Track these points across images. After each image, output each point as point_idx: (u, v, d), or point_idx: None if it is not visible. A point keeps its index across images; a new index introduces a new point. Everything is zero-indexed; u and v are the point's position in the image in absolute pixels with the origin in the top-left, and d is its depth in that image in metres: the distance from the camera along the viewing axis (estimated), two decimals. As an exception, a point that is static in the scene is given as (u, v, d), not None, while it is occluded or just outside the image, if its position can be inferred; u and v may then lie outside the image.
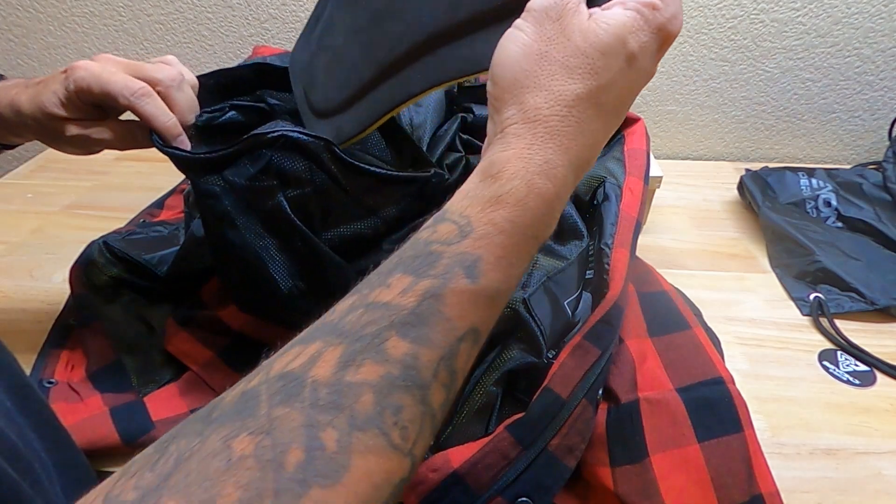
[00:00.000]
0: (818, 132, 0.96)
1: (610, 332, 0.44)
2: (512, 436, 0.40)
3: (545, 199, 0.28)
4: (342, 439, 0.22)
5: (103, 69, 0.44)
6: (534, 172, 0.28)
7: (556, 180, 0.28)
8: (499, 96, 0.30)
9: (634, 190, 0.52)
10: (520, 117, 0.29)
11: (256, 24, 0.90)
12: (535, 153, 0.28)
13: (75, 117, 0.45)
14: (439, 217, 0.29)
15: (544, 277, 0.46)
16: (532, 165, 0.28)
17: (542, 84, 0.29)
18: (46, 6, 0.90)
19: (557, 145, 0.29)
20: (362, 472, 0.22)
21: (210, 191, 0.44)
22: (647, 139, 0.57)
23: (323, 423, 0.22)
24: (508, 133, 0.29)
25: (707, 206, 0.85)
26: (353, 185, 0.44)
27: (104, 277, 0.58)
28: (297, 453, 0.21)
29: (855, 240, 0.72)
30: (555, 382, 0.41)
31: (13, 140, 0.51)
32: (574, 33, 0.29)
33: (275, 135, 0.42)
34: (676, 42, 0.87)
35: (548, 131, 0.29)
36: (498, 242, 0.27)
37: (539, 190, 0.28)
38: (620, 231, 0.50)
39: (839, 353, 0.61)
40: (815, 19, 0.85)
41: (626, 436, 0.44)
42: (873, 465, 0.50)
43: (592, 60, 0.29)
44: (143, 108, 0.43)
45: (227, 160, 0.43)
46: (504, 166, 0.28)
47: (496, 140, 0.30)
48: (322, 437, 0.22)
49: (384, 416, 0.23)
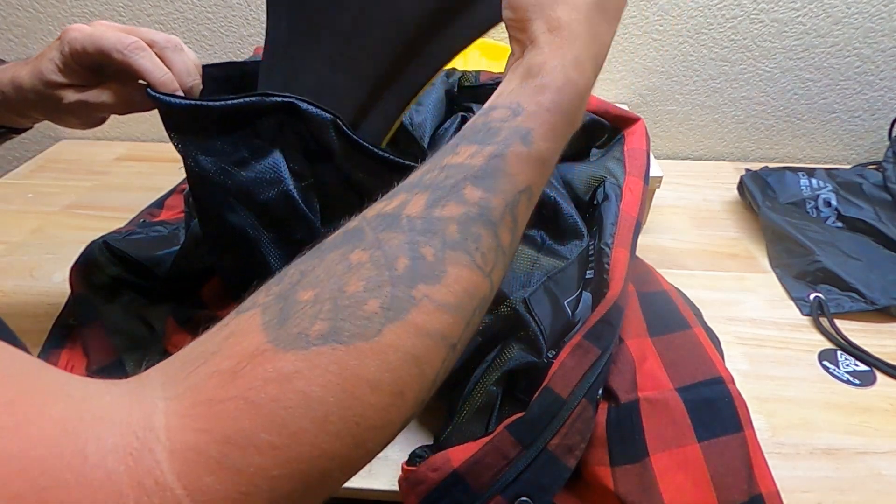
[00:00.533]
0: (818, 132, 0.96)
1: (610, 331, 0.44)
2: (512, 435, 0.40)
3: (578, 89, 0.34)
4: (438, 254, 0.27)
5: (96, 29, 0.44)
6: (568, 66, 0.33)
7: (584, 73, 0.34)
8: (521, 17, 0.35)
9: (634, 190, 0.52)
10: (546, 27, 0.34)
11: (256, 24, 0.90)
12: (566, 52, 0.33)
13: (73, 83, 0.45)
14: (488, 108, 0.33)
15: (544, 277, 0.46)
16: (566, 61, 0.33)
17: (564, 13, 0.34)
18: (46, 6, 0.90)
19: (582, 44, 0.34)
20: (454, 278, 0.27)
21: (206, 175, 0.43)
22: (647, 139, 0.57)
23: (422, 242, 0.27)
24: (539, 42, 0.34)
25: (707, 206, 0.85)
26: (357, 168, 0.43)
27: (104, 277, 0.58)
28: (404, 260, 0.26)
29: (855, 240, 0.72)
30: (555, 382, 0.41)
31: (18, 121, 0.51)
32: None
33: (284, 100, 0.41)
34: (676, 42, 0.88)
35: (572, 34, 0.34)
36: (545, 119, 0.32)
37: (573, 80, 0.33)
38: (620, 231, 0.50)
39: (839, 353, 0.61)
40: (815, 19, 0.85)
41: (625, 435, 0.44)
42: (873, 465, 0.50)
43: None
44: (138, 63, 0.44)
45: (227, 118, 0.42)
46: (543, 65, 0.33)
47: (529, 49, 0.34)
48: (422, 251, 0.27)
49: (467, 241, 0.28)
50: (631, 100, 0.94)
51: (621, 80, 0.92)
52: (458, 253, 0.28)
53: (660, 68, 0.91)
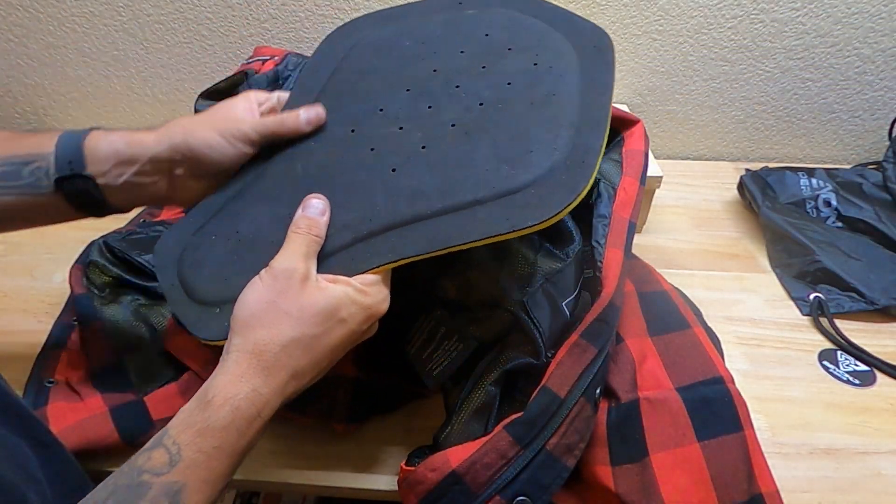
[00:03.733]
0: (818, 132, 0.95)
1: (606, 330, 0.44)
2: (510, 435, 0.40)
3: (248, 419, 0.35)
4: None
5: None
6: (241, 399, 0.35)
7: (259, 404, 0.35)
8: (232, 327, 0.38)
9: (629, 189, 0.52)
10: (241, 347, 0.36)
11: (256, 24, 0.90)
12: (244, 382, 0.35)
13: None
14: (157, 439, 0.34)
15: (542, 279, 0.46)
16: (241, 393, 0.35)
17: (266, 324, 0.37)
18: (46, 6, 0.90)
19: (266, 376, 0.36)
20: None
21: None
22: (645, 140, 0.57)
23: None
24: (229, 360, 0.36)
25: (707, 206, 0.85)
26: None
27: (104, 277, 0.58)
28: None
29: (855, 240, 0.72)
30: (552, 381, 0.41)
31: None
32: (300, 293, 0.37)
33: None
34: (676, 42, 0.88)
35: (260, 363, 0.36)
36: (203, 467, 0.33)
37: (244, 413, 0.35)
38: (613, 231, 0.50)
39: (839, 352, 0.61)
40: (815, 19, 0.85)
41: (626, 435, 0.44)
42: (873, 465, 0.50)
43: (309, 316, 0.37)
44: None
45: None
46: (216, 393, 0.35)
47: (219, 363, 0.37)
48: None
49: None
50: (631, 100, 0.94)
51: (621, 80, 0.92)
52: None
53: (660, 68, 0.91)
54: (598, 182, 0.54)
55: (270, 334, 0.36)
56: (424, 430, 0.52)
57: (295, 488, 0.50)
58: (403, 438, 0.52)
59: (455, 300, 0.48)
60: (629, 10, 0.86)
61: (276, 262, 0.39)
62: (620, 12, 0.86)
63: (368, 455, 0.51)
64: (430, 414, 0.54)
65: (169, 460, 0.33)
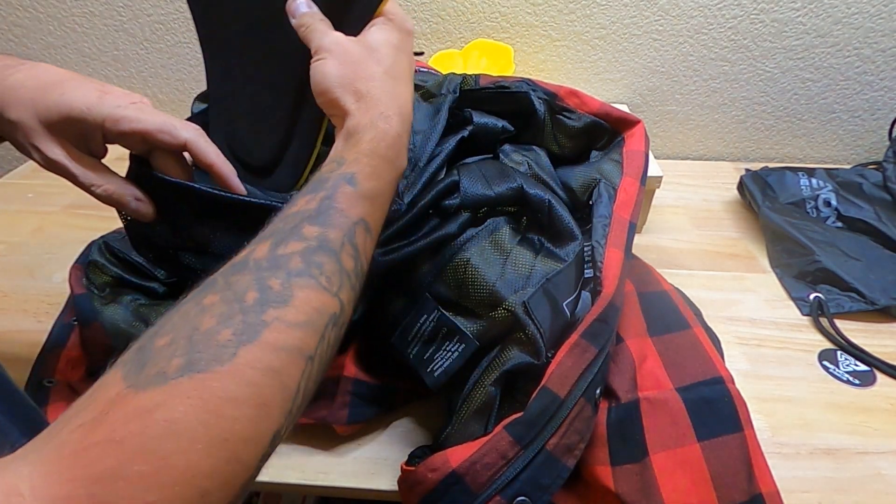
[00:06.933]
0: (818, 132, 0.96)
1: (606, 330, 0.44)
2: (510, 435, 0.40)
3: (388, 136, 0.39)
4: (284, 283, 0.30)
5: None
6: (377, 120, 0.39)
7: (391, 123, 0.40)
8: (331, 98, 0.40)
9: (629, 190, 0.52)
10: (353, 98, 0.40)
11: (256, 25, 0.90)
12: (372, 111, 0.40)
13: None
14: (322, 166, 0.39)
15: (543, 280, 0.46)
16: (374, 117, 0.39)
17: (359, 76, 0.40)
18: (46, 6, 0.90)
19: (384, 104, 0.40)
20: (302, 299, 0.30)
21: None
22: (646, 141, 0.57)
23: (267, 276, 0.30)
24: (350, 110, 0.40)
25: (707, 206, 0.85)
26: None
27: (104, 277, 0.58)
28: (253, 293, 0.29)
29: (855, 240, 0.72)
30: (552, 382, 0.41)
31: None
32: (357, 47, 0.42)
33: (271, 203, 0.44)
34: (676, 42, 0.88)
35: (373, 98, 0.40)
36: (366, 163, 0.38)
37: (383, 130, 0.39)
38: (613, 231, 0.50)
39: (839, 353, 0.61)
40: (815, 19, 0.85)
41: (626, 435, 0.44)
42: (873, 465, 0.50)
43: (377, 55, 0.42)
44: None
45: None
46: (357, 125, 0.39)
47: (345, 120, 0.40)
48: (269, 283, 0.29)
49: (311, 268, 0.31)
50: (631, 100, 0.94)
51: (621, 80, 0.92)
52: (303, 279, 0.31)
53: (660, 68, 0.91)
54: (598, 182, 0.54)
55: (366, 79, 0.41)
56: (424, 430, 0.52)
57: (295, 488, 0.50)
58: (403, 438, 0.52)
59: (455, 301, 0.48)
60: (629, 10, 0.86)
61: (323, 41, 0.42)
62: (620, 12, 0.86)
63: (368, 455, 0.51)
64: (430, 414, 0.54)
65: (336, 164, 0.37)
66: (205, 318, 0.28)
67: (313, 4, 0.44)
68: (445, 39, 0.91)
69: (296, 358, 0.28)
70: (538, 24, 0.88)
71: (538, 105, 0.59)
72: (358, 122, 0.39)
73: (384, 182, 0.39)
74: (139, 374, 0.25)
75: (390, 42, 0.43)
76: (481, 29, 0.90)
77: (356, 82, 0.40)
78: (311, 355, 0.29)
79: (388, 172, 0.39)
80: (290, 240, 0.32)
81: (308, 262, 0.31)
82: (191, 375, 0.25)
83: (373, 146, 0.38)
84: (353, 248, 0.34)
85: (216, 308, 0.28)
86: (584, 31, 0.88)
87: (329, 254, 0.33)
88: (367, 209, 0.37)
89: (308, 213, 0.34)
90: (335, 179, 0.36)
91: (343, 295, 0.33)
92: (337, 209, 0.35)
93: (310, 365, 0.29)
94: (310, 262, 0.31)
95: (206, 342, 0.26)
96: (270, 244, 0.32)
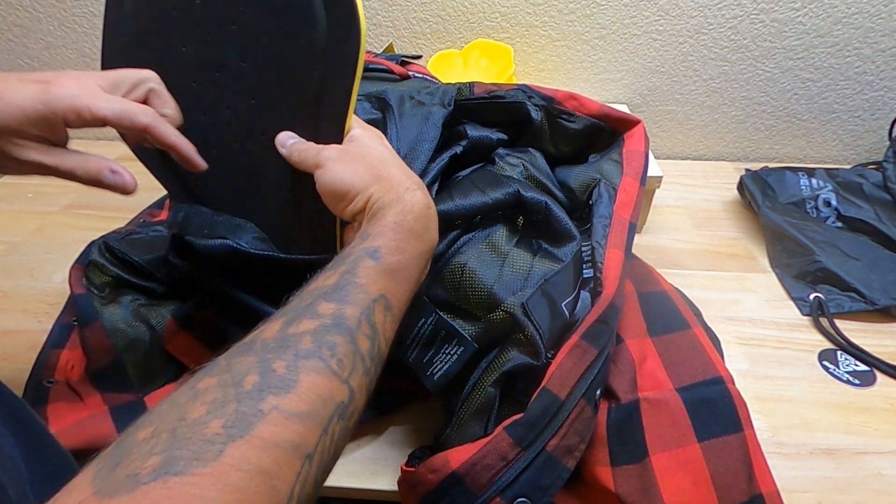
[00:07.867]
0: (818, 132, 0.96)
1: (607, 331, 0.44)
2: (510, 436, 0.40)
3: (415, 205, 0.39)
4: (290, 365, 0.27)
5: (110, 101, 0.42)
6: (402, 193, 0.39)
7: (415, 194, 0.40)
8: (353, 194, 0.40)
9: (629, 190, 0.52)
10: (375, 182, 0.40)
11: (256, 25, 0.90)
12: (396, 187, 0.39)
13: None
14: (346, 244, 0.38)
15: (541, 281, 0.46)
16: (399, 192, 0.39)
17: (371, 165, 0.41)
18: (46, 6, 0.90)
19: (406, 180, 0.40)
20: (308, 386, 0.27)
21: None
22: (646, 141, 0.57)
23: (272, 358, 0.28)
24: (374, 193, 0.39)
25: (707, 206, 0.85)
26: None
27: (104, 277, 0.58)
28: (253, 377, 0.26)
29: (855, 240, 0.72)
30: (552, 383, 0.41)
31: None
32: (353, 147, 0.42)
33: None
34: (676, 42, 0.88)
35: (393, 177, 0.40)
36: (390, 237, 0.37)
37: (409, 201, 0.39)
38: (614, 231, 0.50)
39: (839, 353, 0.61)
40: (815, 19, 0.85)
41: (626, 435, 0.44)
42: (873, 465, 0.50)
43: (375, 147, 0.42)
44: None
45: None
46: (381, 203, 0.39)
47: (371, 202, 0.39)
48: (273, 366, 0.27)
49: (322, 349, 0.29)
50: (631, 100, 0.94)
51: (621, 80, 0.92)
52: (311, 361, 0.28)
53: (660, 68, 0.91)
54: (598, 182, 0.54)
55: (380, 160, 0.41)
56: (424, 430, 0.52)
57: (295, 488, 0.50)
58: (403, 439, 0.52)
59: (453, 303, 0.48)
60: (629, 10, 0.86)
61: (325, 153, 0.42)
62: (620, 12, 0.86)
63: (368, 455, 0.51)
64: (430, 415, 0.54)
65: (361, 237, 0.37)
66: (195, 405, 0.25)
67: (296, 135, 0.44)
68: (445, 39, 0.91)
69: (291, 457, 0.25)
70: (538, 24, 0.88)
71: (534, 114, 0.59)
72: (382, 199, 0.39)
73: (408, 256, 0.37)
74: (108, 476, 0.22)
75: (377, 136, 0.43)
76: (481, 29, 0.90)
77: (371, 170, 0.40)
78: (309, 453, 0.26)
79: (413, 246, 0.38)
80: (303, 318, 0.30)
81: (319, 343, 0.29)
82: (165, 480, 0.22)
83: (399, 219, 0.38)
84: (370, 327, 0.32)
85: (209, 394, 0.25)
86: (584, 31, 0.88)
87: (344, 333, 0.30)
88: (388, 285, 0.35)
89: (326, 290, 0.32)
90: (357, 254, 0.35)
91: (354, 381, 0.30)
92: (356, 284, 0.33)
93: (307, 465, 0.26)
94: (321, 343, 0.29)
95: (190, 436, 0.23)
96: (282, 323, 0.30)
